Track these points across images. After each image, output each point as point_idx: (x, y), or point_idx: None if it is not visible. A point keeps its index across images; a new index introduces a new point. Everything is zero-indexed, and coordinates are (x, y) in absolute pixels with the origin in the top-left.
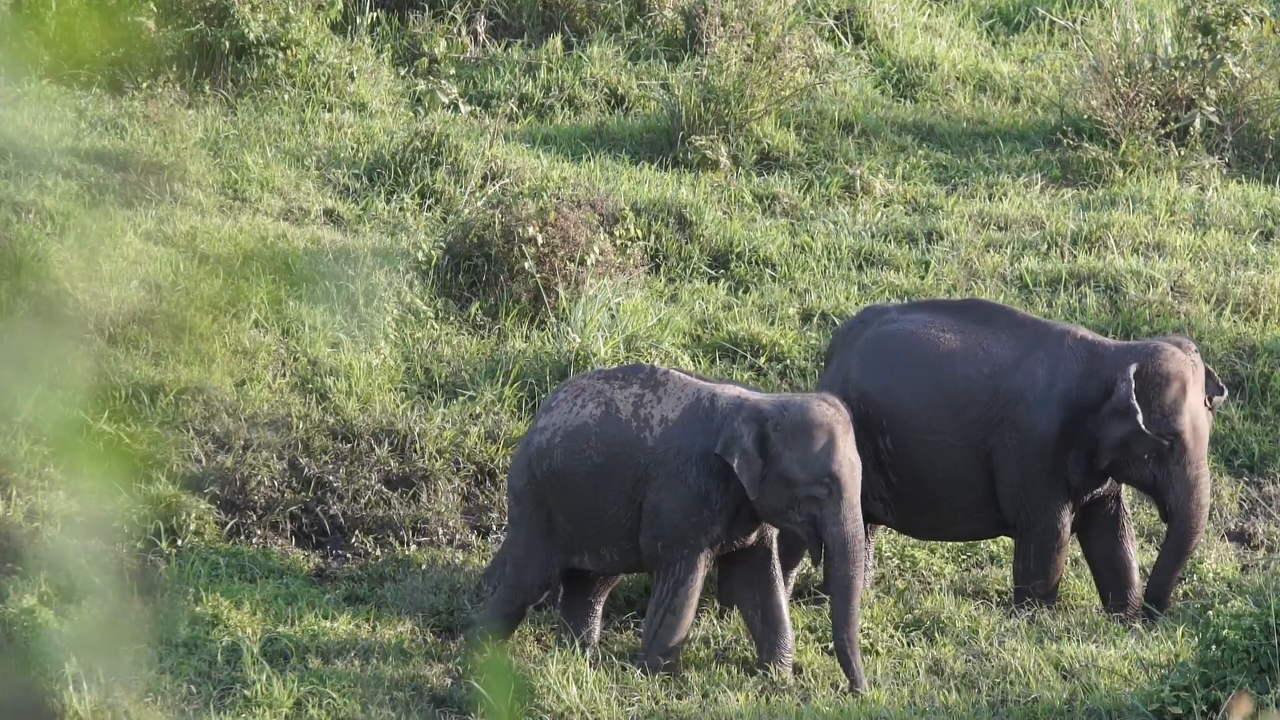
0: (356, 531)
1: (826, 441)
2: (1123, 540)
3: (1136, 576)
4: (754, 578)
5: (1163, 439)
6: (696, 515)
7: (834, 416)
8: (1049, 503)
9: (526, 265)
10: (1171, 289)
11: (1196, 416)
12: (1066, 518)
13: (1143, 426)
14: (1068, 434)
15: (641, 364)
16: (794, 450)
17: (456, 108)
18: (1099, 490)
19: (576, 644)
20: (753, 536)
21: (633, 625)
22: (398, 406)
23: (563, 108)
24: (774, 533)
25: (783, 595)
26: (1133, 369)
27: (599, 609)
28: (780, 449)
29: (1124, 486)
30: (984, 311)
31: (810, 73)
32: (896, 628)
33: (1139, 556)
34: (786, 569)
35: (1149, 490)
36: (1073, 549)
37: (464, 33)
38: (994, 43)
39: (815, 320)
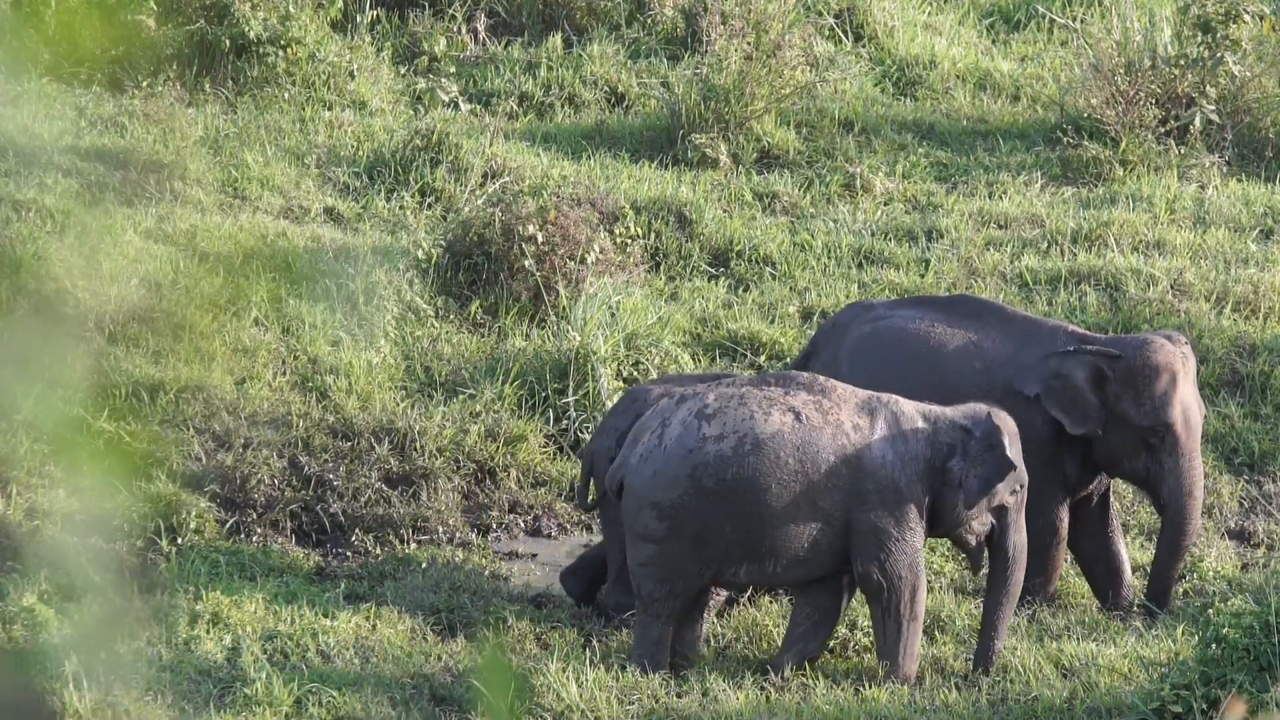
0: (357, 530)
1: (1016, 449)
2: (1113, 536)
3: (1130, 572)
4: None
5: (1154, 431)
6: (916, 525)
7: (1013, 422)
8: (1045, 498)
9: (526, 263)
10: (1171, 287)
11: (1188, 408)
12: (1064, 513)
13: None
14: (1063, 429)
15: (792, 372)
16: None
17: (456, 106)
18: (1090, 487)
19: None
20: None
21: (631, 624)
22: (398, 405)
23: (563, 106)
24: None
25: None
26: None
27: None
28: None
29: (1112, 486)
30: (973, 307)
31: (810, 71)
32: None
33: (1138, 555)
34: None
35: (1142, 484)
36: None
37: (464, 31)
38: (994, 41)
39: (815, 318)
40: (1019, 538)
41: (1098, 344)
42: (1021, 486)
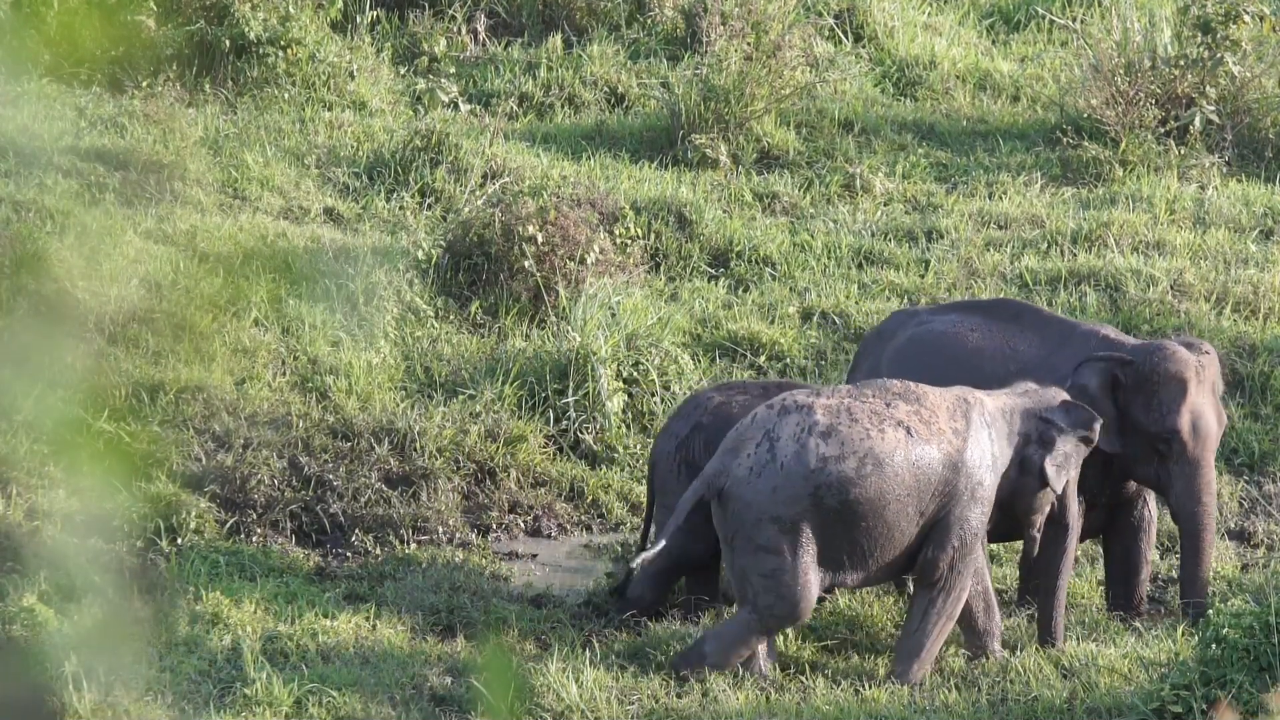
0: (356, 530)
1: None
2: (1140, 541)
3: (1145, 575)
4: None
5: (1161, 437)
6: (986, 521)
7: None
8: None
9: (526, 264)
10: (1171, 288)
11: (1198, 416)
12: (1078, 519)
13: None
14: None
15: (881, 380)
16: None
17: (456, 106)
18: (1124, 492)
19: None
20: None
21: (631, 625)
22: (398, 405)
23: (563, 106)
24: None
25: None
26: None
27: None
28: (1063, 445)
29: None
30: (1013, 310)
31: (810, 71)
32: (896, 626)
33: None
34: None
35: (1155, 489)
36: (1081, 550)
37: (464, 31)
38: (994, 41)
39: (815, 319)
40: (1074, 507)
41: (1122, 349)
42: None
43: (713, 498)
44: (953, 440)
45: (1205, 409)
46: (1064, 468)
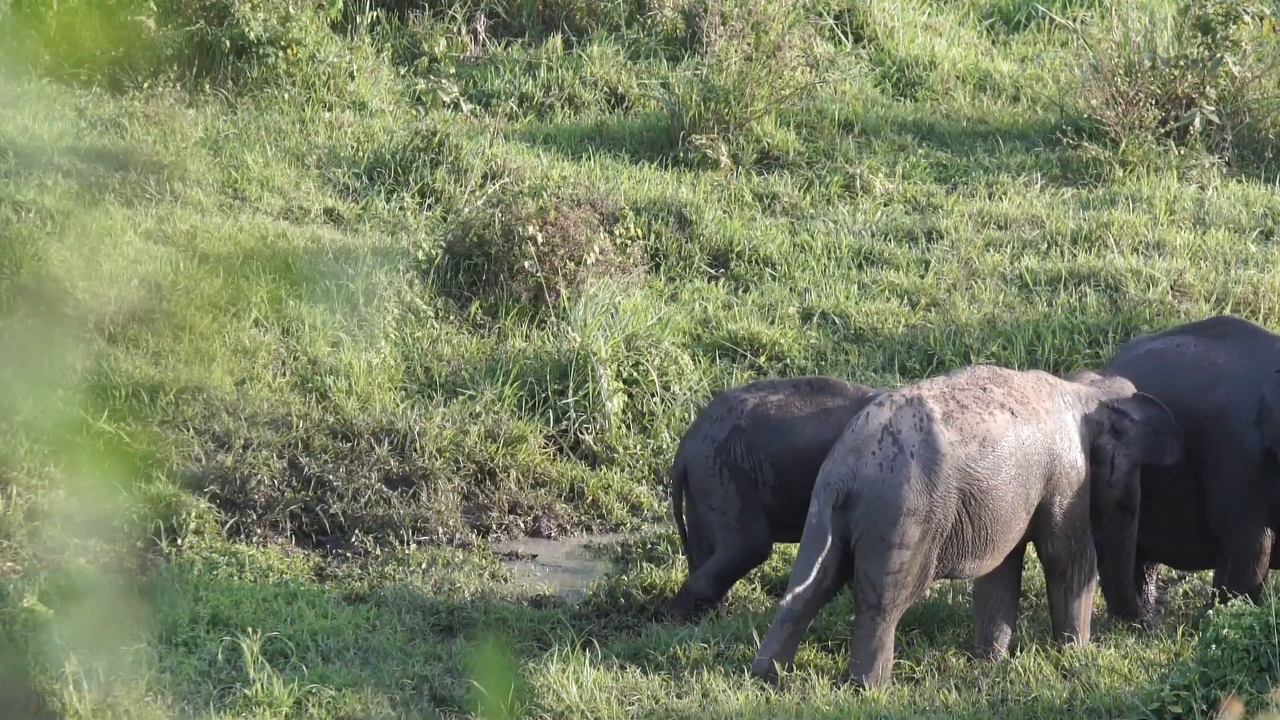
0: (356, 530)
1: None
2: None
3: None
4: (1012, 573)
5: None
6: (1089, 500)
7: None
8: (1250, 522)
9: (527, 264)
10: (1171, 288)
11: None
12: (1267, 540)
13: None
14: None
15: (965, 368)
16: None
17: (457, 107)
18: None
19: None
20: None
21: (632, 625)
22: (398, 406)
23: (563, 107)
24: None
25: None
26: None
27: None
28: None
29: None
30: (1222, 327)
31: (810, 72)
32: (896, 627)
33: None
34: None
35: None
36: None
37: (464, 32)
38: (994, 42)
39: (815, 319)
40: (1138, 491)
41: None
42: None
43: (839, 503)
44: (1045, 422)
45: None
46: (1138, 462)
